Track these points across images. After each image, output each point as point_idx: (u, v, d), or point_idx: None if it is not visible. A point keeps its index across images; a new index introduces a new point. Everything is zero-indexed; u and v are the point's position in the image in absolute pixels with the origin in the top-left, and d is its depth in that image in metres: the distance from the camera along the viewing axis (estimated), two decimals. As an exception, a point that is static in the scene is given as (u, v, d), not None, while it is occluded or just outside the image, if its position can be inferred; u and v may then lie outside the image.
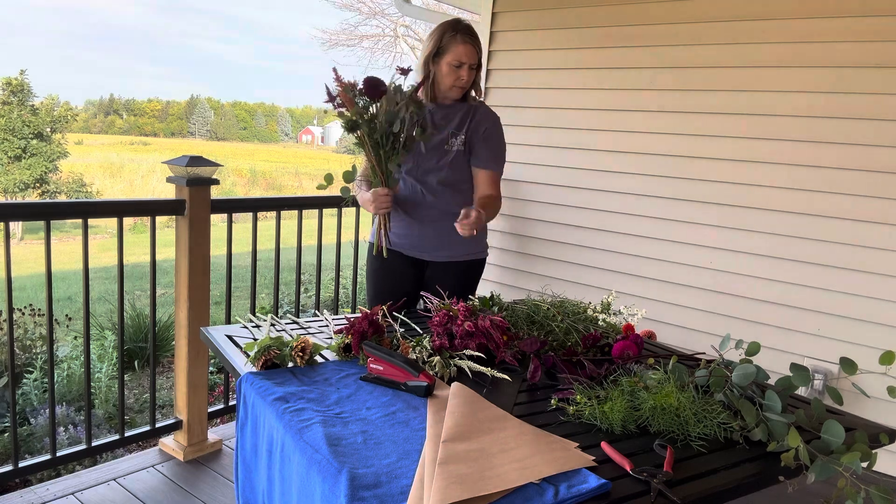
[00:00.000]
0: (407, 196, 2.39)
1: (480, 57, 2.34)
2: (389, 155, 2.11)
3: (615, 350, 1.72)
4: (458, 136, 2.36)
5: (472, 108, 2.39)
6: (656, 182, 3.27)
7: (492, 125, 2.41)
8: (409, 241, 2.43)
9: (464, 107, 2.39)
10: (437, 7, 5.92)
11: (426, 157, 2.36)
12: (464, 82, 2.31)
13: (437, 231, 2.38)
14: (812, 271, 2.86)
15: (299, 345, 1.59)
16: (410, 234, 2.42)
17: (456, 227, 2.07)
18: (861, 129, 2.72)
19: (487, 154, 2.39)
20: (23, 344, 4.06)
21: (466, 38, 2.28)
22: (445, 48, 2.28)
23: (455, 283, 2.40)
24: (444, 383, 1.55)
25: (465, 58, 2.28)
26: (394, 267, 2.45)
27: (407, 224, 2.41)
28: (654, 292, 3.29)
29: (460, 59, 2.28)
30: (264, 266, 4.43)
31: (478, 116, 2.39)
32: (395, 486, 1.12)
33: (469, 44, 2.29)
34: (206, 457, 2.67)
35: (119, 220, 2.43)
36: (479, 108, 2.42)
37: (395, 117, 2.04)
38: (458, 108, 2.39)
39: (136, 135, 64.39)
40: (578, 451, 1.26)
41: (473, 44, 2.30)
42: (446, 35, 2.29)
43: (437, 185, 2.36)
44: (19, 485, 2.53)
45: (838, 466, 1.22)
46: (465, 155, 2.39)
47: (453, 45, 2.28)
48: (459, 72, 2.29)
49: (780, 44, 2.89)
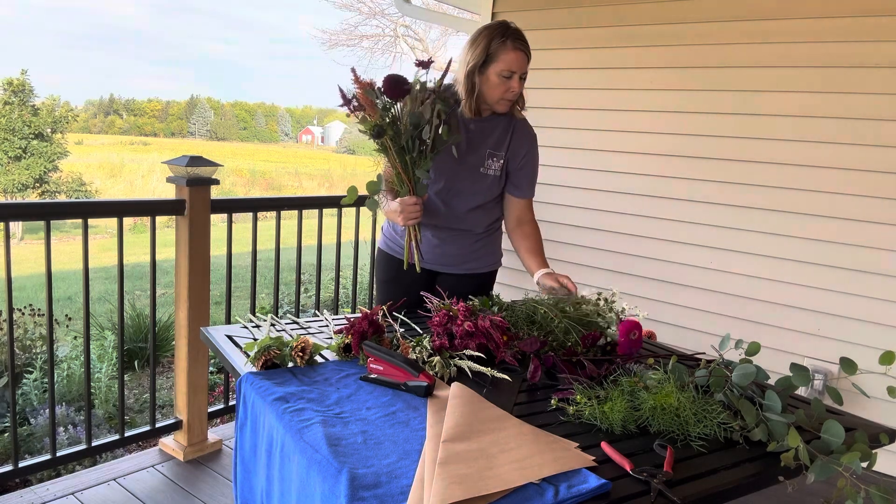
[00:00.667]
0: (430, 209, 2.17)
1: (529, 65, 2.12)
2: (417, 161, 1.91)
3: (621, 348, 1.73)
4: (496, 160, 2.15)
5: (512, 125, 2.17)
6: (656, 182, 3.27)
7: (531, 147, 2.21)
8: (427, 256, 2.24)
9: (503, 121, 2.16)
10: (437, 7, 5.93)
11: (460, 177, 2.14)
12: (514, 94, 2.08)
13: (458, 249, 2.24)
14: (812, 271, 2.86)
15: (299, 345, 1.59)
16: (429, 249, 2.23)
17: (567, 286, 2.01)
18: (862, 130, 2.72)
19: (526, 182, 2.22)
20: (23, 344, 4.06)
21: (518, 45, 2.04)
22: (494, 55, 2.02)
23: (465, 291, 2.24)
24: (444, 383, 1.55)
25: (517, 66, 2.04)
26: (407, 278, 2.25)
27: (426, 237, 2.23)
28: (653, 292, 3.29)
29: (511, 67, 2.03)
30: (264, 266, 4.43)
31: (517, 136, 2.17)
32: (395, 486, 1.11)
33: (521, 50, 2.05)
34: (206, 457, 2.67)
35: (119, 220, 2.43)
36: (520, 125, 2.19)
37: (420, 118, 1.86)
38: (497, 122, 2.16)
39: (136, 135, 64.39)
40: (578, 451, 1.26)
41: (525, 50, 2.06)
42: (495, 41, 2.02)
43: (466, 209, 2.19)
44: (19, 485, 2.53)
45: (838, 466, 1.22)
46: (501, 179, 2.20)
47: (503, 52, 2.02)
48: (510, 83, 2.05)
49: (781, 44, 2.89)
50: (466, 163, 2.13)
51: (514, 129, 2.17)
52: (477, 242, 2.27)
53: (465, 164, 2.13)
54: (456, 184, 2.15)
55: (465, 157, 2.13)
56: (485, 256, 2.29)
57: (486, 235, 2.28)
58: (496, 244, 2.35)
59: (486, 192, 2.18)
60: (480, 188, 2.16)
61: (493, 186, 2.18)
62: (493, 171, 2.16)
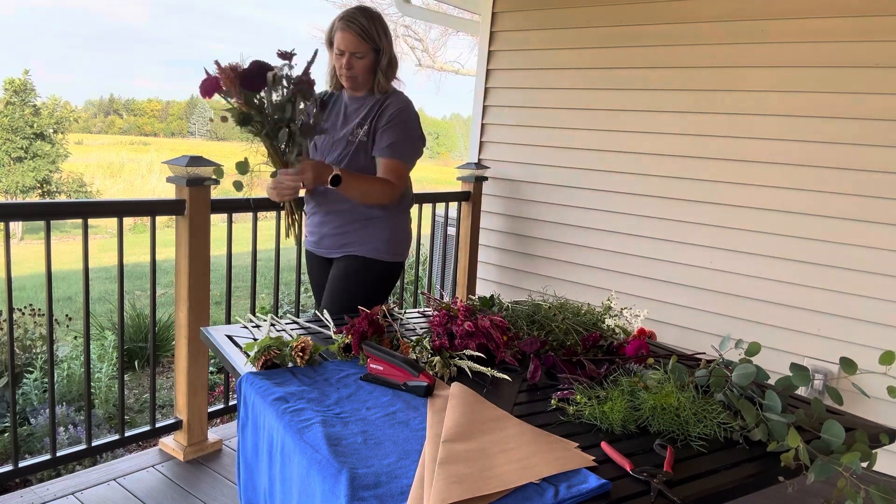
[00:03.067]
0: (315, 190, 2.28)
1: (373, 45, 2.18)
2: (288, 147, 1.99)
3: (630, 349, 1.73)
4: (362, 127, 2.24)
5: (381, 99, 2.25)
6: (656, 182, 3.27)
7: (397, 111, 2.22)
8: (315, 237, 2.38)
9: (374, 99, 2.26)
10: (437, 7, 5.93)
11: (331, 150, 2.27)
12: (345, 72, 2.18)
13: (339, 226, 2.30)
14: (812, 271, 2.86)
15: (299, 345, 1.59)
16: (316, 230, 2.36)
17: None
18: (862, 130, 2.72)
19: (386, 141, 2.21)
20: (23, 344, 4.06)
21: (343, 24, 2.14)
22: (333, 34, 2.19)
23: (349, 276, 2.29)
24: (444, 383, 1.55)
25: (343, 45, 2.15)
26: (311, 264, 2.46)
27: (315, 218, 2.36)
28: (653, 292, 3.29)
29: (339, 46, 2.16)
30: (264, 266, 4.43)
31: (385, 105, 2.23)
32: (395, 486, 1.11)
33: (346, 31, 2.14)
34: (206, 457, 2.67)
35: (119, 220, 2.43)
36: (390, 96, 2.26)
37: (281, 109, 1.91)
38: (369, 100, 2.26)
39: (136, 135, 64.31)
40: (578, 451, 1.26)
41: (351, 30, 2.14)
42: (334, 22, 2.19)
43: None
44: (19, 485, 2.53)
45: (838, 466, 1.22)
46: (370, 146, 2.24)
47: (335, 31, 2.17)
48: (342, 60, 2.17)
49: (781, 44, 2.89)
50: (339, 137, 2.25)
51: (384, 103, 2.24)
52: (356, 223, 2.29)
53: (338, 139, 2.25)
54: (328, 156, 2.26)
55: (338, 133, 2.25)
56: (366, 242, 2.28)
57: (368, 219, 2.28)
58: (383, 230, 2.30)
59: (354, 156, 2.23)
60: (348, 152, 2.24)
61: (360, 150, 2.24)
62: (360, 138, 2.23)
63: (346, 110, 2.28)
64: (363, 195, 2.20)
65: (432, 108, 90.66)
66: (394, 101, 2.25)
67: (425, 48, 16.02)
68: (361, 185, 2.19)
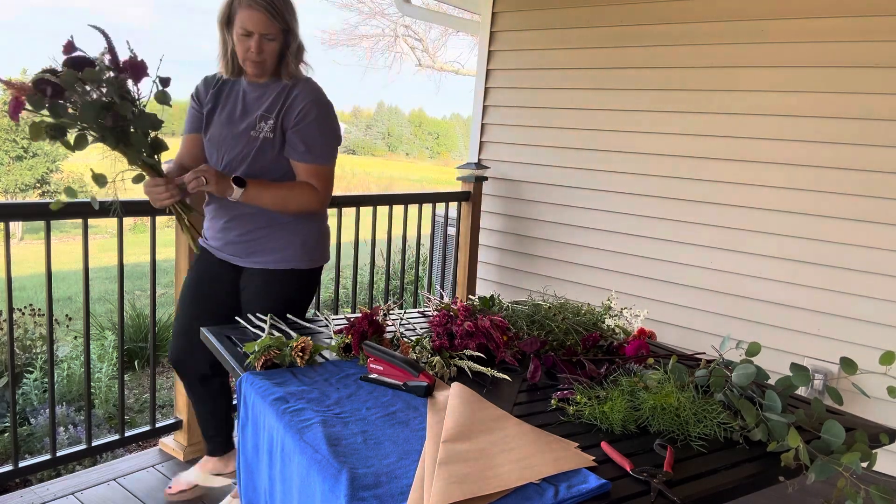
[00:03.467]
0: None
1: (283, 26, 1.92)
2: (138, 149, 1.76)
3: (630, 349, 1.73)
4: (268, 121, 1.96)
5: (288, 89, 1.98)
6: (656, 182, 3.27)
7: (309, 106, 1.96)
8: (219, 243, 2.09)
9: (279, 86, 1.99)
10: (437, 7, 5.93)
11: (230, 145, 1.99)
12: (254, 56, 1.90)
13: (245, 232, 2.04)
14: (812, 271, 2.86)
15: (299, 345, 1.59)
16: (220, 235, 2.08)
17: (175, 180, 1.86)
18: (862, 129, 2.72)
19: (302, 146, 1.97)
20: (23, 344, 4.06)
21: (249, 2, 1.86)
22: (234, 12, 1.89)
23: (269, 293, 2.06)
24: (444, 383, 1.55)
25: (252, 25, 1.86)
26: (209, 270, 2.13)
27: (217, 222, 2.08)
28: (654, 292, 3.29)
29: (246, 27, 1.87)
30: (264, 266, 4.42)
31: (294, 97, 1.96)
32: (395, 486, 1.11)
33: (254, 9, 1.86)
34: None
35: (119, 221, 2.43)
36: (298, 85, 1.98)
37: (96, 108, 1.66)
38: (273, 87, 1.99)
39: (137, 135, 64.14)
40: (578, 451, 1.26)
41: (260, 8, 1.86)
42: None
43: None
44: (19, 485, 2.53)
45: (838, 466, 1.22)
46: (277, 143, 1.98)
47: (239, 9, 1.88)
48: (248, 42, 1.89)
49: (781, 44, 2.89)
50: (239, 130, 1.98)
51: (291, 92, 1.97)
52: (264, 228, 2.03)
53: (239, 132, 1.98)
54: (227, 152, 2.00)
55: (238, 125, 1.98)
56: (281, 249, 2.04)
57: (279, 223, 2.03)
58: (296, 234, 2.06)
59: (258, 155, 1.97)
60: (251, 151, 1.97)
61: (266, 147, 1.97)
62: (265, 133, 1.96)
63: (244, 98, 2.00)
64: (279, 204, 1.98)
65: (432, 108, 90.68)
66: (303, 91, 1.98)
67: (425, 48, 16.03)
68: (277, 193, 1.98)
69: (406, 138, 39.55)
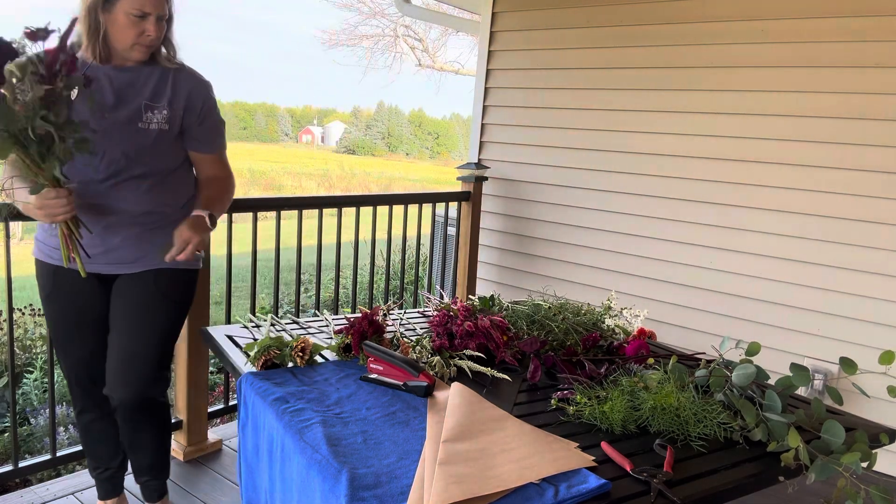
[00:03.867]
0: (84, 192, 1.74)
1: (169, 6, 1.76)
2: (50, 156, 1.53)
3: (630, 349, 1.73)
4: (158, 111, 1.79)
5: (168, 73, 1.82)
6: (656, 182, 3.27)
7: (207, 98, 1.88)
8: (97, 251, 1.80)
9: (156, 71, 1.81)
10: (437, 7, 5.93)
11: (115, 140, 1.74)
12: (151, 39, 1.73)
13: (130, 240, 1.82)
14: (812, 271, 2.86)
15: (299, 345, 1.59)
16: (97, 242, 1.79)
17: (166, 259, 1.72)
18: (862, 129, 2.72)
19: (213, 135, 1.91)
20: (23, 344, 4.06)
21: None
22: None
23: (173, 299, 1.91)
24: (444, 383, 1.55)
25: (150, 6, 1.70)
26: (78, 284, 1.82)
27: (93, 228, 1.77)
28: (654, 292, 3.29)
29: (144, 8, 1.68)
30: (264, 266, 4.43)
31: (183, 86, 1.83)
32: (395, 486, 1.11)
33: None
34: (206, 457, 2.66)
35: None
36: (181, 72, 1.85)
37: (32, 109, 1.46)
38: (148, 72, 1.80)
39: (137, 135, 64.01)
40: (578, 451, 1.26)
41: None
42: None
43: (131, 179, 1.77)
44: (19, 485, 2.53)
45: (838, 466, 1.22)
46: (170, 134, 1.82)
47: None
48: (144, 24, 1.70)
49: (781, 44, 2.89)
50: (118, 121, 1.75)
51: (176, 79, 1.83)
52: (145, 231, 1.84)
53: (118, 124, 1.75)
54: (109, 150, 1.75)
55: (115, 116, 1.76)
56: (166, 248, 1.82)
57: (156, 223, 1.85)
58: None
59: (151, 151, 1.80)
60: (145, 146, 1.79)
61: (158, 143, 1.80)
62: (157, 124, 1.80)
63: (112, 85, 1.77)
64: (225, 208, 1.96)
65: (432, 108, 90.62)
66: (191, 77, 1.86)
67: (425, 48, 16.03)
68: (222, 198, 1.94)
69: (406, 138, 39.56)
